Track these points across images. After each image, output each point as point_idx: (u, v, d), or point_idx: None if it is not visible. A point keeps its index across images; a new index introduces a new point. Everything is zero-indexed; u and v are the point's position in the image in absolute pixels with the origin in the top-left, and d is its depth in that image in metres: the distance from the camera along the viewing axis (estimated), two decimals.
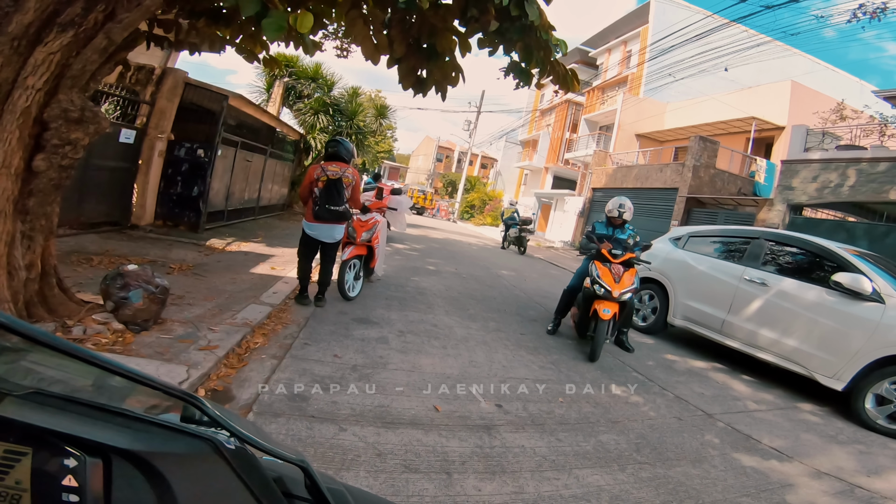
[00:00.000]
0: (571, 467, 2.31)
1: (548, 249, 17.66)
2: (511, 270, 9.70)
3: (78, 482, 0.38)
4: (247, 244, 6.91)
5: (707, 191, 13.74)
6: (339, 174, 4.11)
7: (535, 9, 2.53)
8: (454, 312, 5.08)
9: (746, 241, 5.02)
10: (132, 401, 0.56)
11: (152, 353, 2.60)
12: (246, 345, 3.15)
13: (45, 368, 0.50)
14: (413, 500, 1.87)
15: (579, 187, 21.94)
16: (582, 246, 4.68)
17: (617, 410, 3.17)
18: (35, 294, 2.67)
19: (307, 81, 13.53)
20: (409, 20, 2.93)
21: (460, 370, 3.39)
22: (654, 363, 4.47)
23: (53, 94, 2.43)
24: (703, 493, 2.28)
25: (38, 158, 2.46)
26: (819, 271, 4.29)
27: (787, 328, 4.24)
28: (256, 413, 2.32)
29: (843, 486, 2.59)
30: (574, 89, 3.29)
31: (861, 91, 17.09)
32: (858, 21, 8.19)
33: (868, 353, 3.64)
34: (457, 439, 2.38)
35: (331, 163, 4.17)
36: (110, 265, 4.24)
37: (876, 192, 9.00)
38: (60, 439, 0.39)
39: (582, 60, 25.99)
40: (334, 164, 4.16)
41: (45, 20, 2.30)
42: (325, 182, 4.10)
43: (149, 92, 6.37)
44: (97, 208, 5.86)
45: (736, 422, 3.30)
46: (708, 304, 4.99)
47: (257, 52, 3.46)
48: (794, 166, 10.55)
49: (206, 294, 3.98)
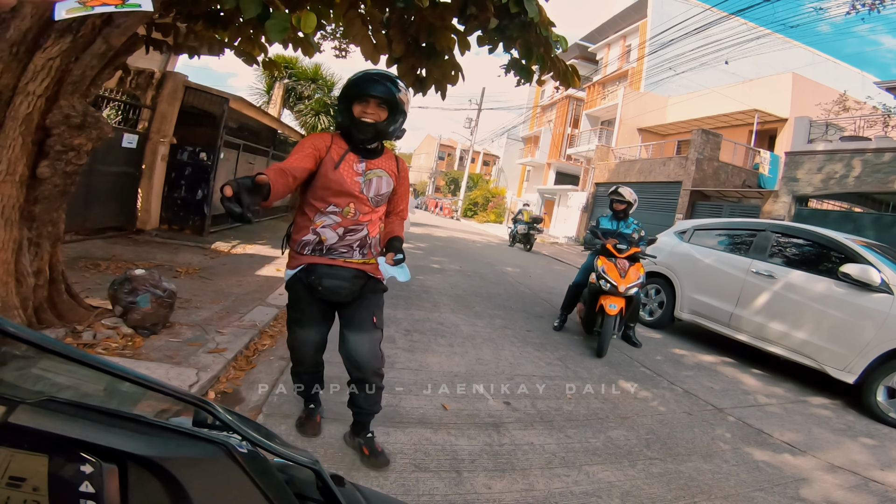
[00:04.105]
0: (581, 464, 2.30)
1: (552, 245, 17.63)
2: (515, 267, 9.68)
3: (95, 488, 0.38)
4: (252, 246, 6.93)
5: (711, 184, 13.68)
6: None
7: (534, 5, 2.51)
8: (460, 310, 5.08)
9: (753, 234, 4.98)
10: (143, 405, 0.56)
11: (162, 357, 2.61)
12: (254, 347, 3.15)
13: (56, 375, 0.50)
14: (424, 499, 1.86)
15: (582, 182, 21.90)
16: (586, 241, 4.66)
17: (626, 406, 3.15)
18: (44, 300, 2.69)
19: (307, 83, 13.54)
20: (408, 19, 2.92)
21: (467, 368, 3.38)
22: (662, 358, 4.45)
23: (55, 100, 2.44)
24: (715, 487, 2.26)
25: (42, 165, 2.47)
26: (827, 263, 4.25)
27: (795, 321, 4.21)
28: (266, 415, 2.33)
29: (858, 480, 2.57)
30: (575, 85, 3.27)
31: (863, 82, 16.98)
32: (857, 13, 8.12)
33: (878, 345, 3.61)
34: (466, 437, 2.38)
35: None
36: (117, 270, 4.26)
37: (881, 182, 8.93)
38: (76, 446, 0.38)
39: (581, 56, 25.91)
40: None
41: (43, 26, 2.30)
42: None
43: (149, 96, 6.38)
44: (102, 214, 5.89)
45: (747, 416, 3.28)
46: (715, 297, 4.96)
47: (256, 54, 3.46)
48: (799, 158, 10.49)
49: (213, 297, 3.99)
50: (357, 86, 1.81)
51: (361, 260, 1.96)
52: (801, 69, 16.46)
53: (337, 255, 1.91)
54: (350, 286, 1.94)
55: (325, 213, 1.88)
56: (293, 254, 1.96)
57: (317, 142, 1.87)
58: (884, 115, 11.14)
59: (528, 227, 13.77)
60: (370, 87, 1.79)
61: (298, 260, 1.93)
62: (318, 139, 1.88)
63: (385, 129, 1.85)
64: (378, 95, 1.79)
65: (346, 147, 1.89)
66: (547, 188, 25.28)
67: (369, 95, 1.80)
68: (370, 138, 1.88)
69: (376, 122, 1.83)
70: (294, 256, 1.96)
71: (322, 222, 1.89)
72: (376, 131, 1.85)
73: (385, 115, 1.83)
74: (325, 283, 1.89)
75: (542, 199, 25.47)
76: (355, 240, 1.93)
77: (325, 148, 1.86)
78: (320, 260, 1.90)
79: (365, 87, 1.80)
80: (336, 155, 1.86)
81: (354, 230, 1.92)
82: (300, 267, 1.92)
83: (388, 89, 1.80)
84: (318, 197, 1.87)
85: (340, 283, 1.92)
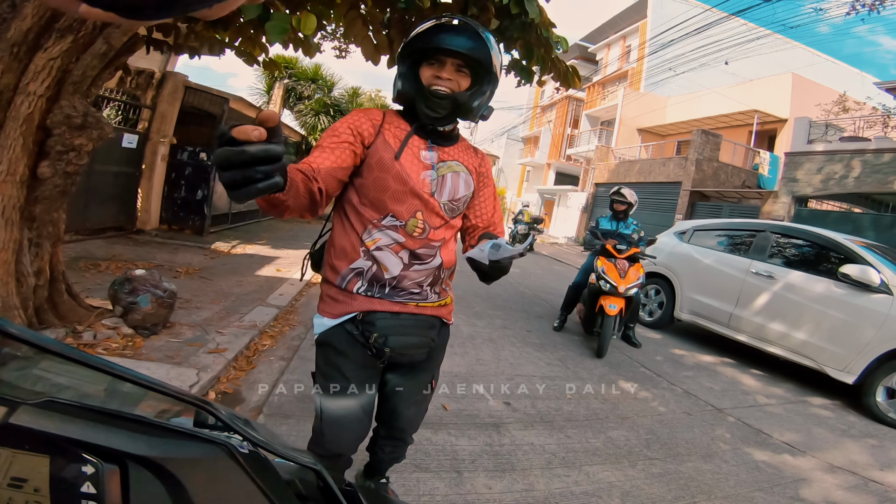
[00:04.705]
0: (581, 464, 2.30)
1: (552, 245, 17.63)
2: (515, 267, 9.64)
3: (96, 489, 0.38)
4: (251, 246, 6.93)
5: (710, 184, 13.69)
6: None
7: (534, 6, 2.51)
8: (459, 310, 5.08)
9: (752, 234, 4.99)
10: (144, 405, 0.56)
11: (162, 357, 2.61)
12: (254, 347, 3.15)
13: (57, 376, 0.50)
14: (424, 499, 1.86)
15: (582, 183, 21.91)
16: (586, 242, 4.67)
17: (626, 406, 3.15)
18: (45, 300, 2.69)
19: (307, 83, 13.56)
20: (409, 20, 2.92)
21: (467, 368, 3.39)
22: (662, 358, 4.45)
23: (55, 100, 2.44)
24: (715, 487, 2.26)
25: (42, 165, 2.47)
26: (826, 263, 4.26)
27: (795, 321, 4.21)
28: (267, 415, 2.33)
29: (857, 480, 2.57)
30: (575, 86, 3.27)
31: (862, 83, 17.00)
32: (857, 13, 8.13)
33: (878, 346, 3.61)
34: (466, 438, 2.38)
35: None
36: (118, 270, 4.26)
37: (881, 182, 8.94)
38: (77, 446, 0.39)
39: (581, 56, 25.92)
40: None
41: (44, 26, 2.30)
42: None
43: (149, 96, 6.39)
44: (102, 214, 5.89)
45: (746, 416, 3.28)
46: (715, 297, 4.97)
47: (256, 54, 3.46)
48: (798, 158, 10.49)
49: (213, 297, 3.99)
50: (428, 38, 1.16)
51: (438, 302, 1.32)
52: (800, 70, 16.48)
53: (406, 296, 1.25)
54: (427, 344, 1.30)
55: (381, 226, 1.21)
56: (332, 291, 1.26)
57: (358, 121, 1.20)
58: (883, 116, 11.16)
59: (528, 227, 13.79)
60: (448, 40, 1.14)
61: (345, 304, 1.23)
62: (360, 117, 1.22)
63: (468, 102, 1.21)
64: (461, 51, 1.14)
65: (407, 128, 1.25)
66: (547, 188, 25.29)
67: (446, 52, 1.16)
68: (445, 116, 1.21)
69: (454, 92, 1.19)
70: (334, 296, 1.25)
71: (377, 241, 1.21)
72: (455, 105, 1.20)
73: (467, 82, 1.21)
74: (393, 342, 1.22)
75: (541, 200, 25.49)
76: (427, 272, 1.26)
77: (373, 129, 1.21)
78: (382, 305, 1.23)
79: (440, 40, 1.15)
80: (393, 138, 1.22)
81: (425, 256, 1.24)
82: (348, 316, 1.23)
83: (476, 44, 1.15)
84: (368, 201, 1.21)
85: (415, 340, 1.26)
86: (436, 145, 1.27)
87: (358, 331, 1.23)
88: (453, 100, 1.19)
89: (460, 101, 1.20)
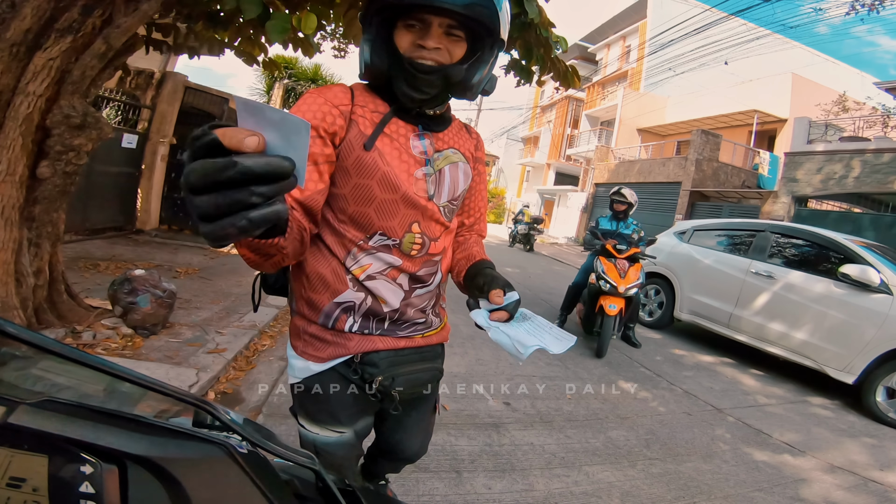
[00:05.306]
0: (581, 464, 2.30)
1: (552, 246, 17.64)
2: (515, 267, 9.68)
3: (95, 489, 0.38)
4: None
5: (710, 184, 13.69)
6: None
7: (534, 6, 2.51)
8: (458, 310, 5.05)
9: (752, 234, 4.99)
10: (143, 406, 0.56)
11: (162, 357, 2.61)
12: (254, 347, 3.15)
13: (56, 376, 0.50)
14: (424, 499, 1.86)
15: (582, 183, 21.91)
16: (586, 242, 4.67)
17: (625, 406, 3.15)
18: (44, 300, 2.69)
19: (307, 83, 13.54)
20: None
21: (467, 368, 3.39)
22: (662, 358, 4.45)
23: (55, 100, 2.44)
24: (715, 488, 2.26)
25: (42, 165, 2.47)
26: (826, 263, 4.26)
27: (795, 321, 4.21)
28: (266, 415, 2.33)
29: (857, 480, 2.57)
30: (575, 86, 3.27)
31: (862, 82, 17.01)
32: (857, 14, 8.13)
33: (878, 346, 3.61)
34: (465, 438, 2.38)
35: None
36: (117, 270, 4.25)
37: (881, 182, 8.95)
38: (75, 446, 0.38)
39: (581, 56, 25.94)
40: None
41: (44, 26, 2.30)
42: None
43: (149, 96, 6.39)
44: (102, 214, 5.89)
45: (746, 416, 3.28)
46: (715, 297, 4.97)
47: (256, 54, 3.46)
48: (798, 158, 10.50)
49: (212, 297, 3.99)
50: None
51: (440, 326, 1.10)
52: (800, 70, 16.49)
53: (410, 328, 1.01)
54: (436, 377, 1.12)
55: (369, 249, 0.92)
56: (314, 329, 0.97)
57: (321, 113, 0.84)
58: (883, 116, 11.17)
59: (528, 227, 13.80)
60: None
61: (337, 345, 0.97)
62: (321, 106, 0.85)
63: (465, 78, 0.87)
64: (453, 9, 0.79)
65: (385, 108, 0.92)
66: (547, 188, 25.30)
67: (431, 9, 0.81)
68: (434, 96, 0.88)
69: (444, 65, 0.85)
70: (319, 336, 0.97)
71: (367, 267, 0.93)
72: (446, 82, 0.87)
73: (461, 50, 0.87)
74: (401, 382, 0.99)
75: (541, 200, 25.50)
76: (430, 294, 1.02)
77: (342, 119, 0.86)
78: (384, 343, 0.98)
79: None
80: (371, 125, 0.89)
81: (427, 276, 0.99)
82: (341, 360, 0.97)
83: None
84: (347, 217, 0.91)
85: (426, 376, 1.07)
86: (427, 131, 0.95)
87: (357, 375, 0.97)
88: (444, 74, 0.85)
89: (454, 77, 0.86)
